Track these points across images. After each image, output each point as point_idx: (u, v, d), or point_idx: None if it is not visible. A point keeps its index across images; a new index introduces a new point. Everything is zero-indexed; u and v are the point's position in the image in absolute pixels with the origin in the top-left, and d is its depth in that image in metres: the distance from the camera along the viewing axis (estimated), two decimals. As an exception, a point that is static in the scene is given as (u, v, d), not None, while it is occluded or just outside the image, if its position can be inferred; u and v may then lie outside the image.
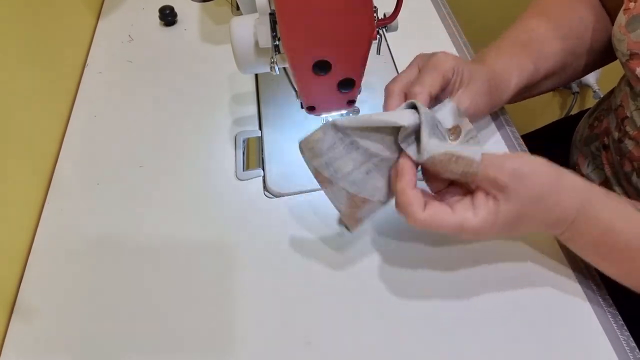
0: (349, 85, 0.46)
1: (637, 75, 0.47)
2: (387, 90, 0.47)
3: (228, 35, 0.47)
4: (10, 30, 0.55)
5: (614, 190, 0.57)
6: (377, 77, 0.63)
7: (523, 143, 0.56)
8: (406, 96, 0.46)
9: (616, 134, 0.55)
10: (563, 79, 0.59)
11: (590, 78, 1.35)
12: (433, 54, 0.48)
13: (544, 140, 0.78)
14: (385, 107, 0.47)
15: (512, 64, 0.52)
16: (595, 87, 1.36)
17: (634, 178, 0.53)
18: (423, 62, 0.48)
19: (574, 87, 1.36)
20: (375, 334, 0.43)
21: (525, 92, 0.56)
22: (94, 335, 0.45)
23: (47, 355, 0.44)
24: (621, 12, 0.49)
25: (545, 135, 0.80)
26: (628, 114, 0.53)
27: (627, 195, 0.56)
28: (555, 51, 0.55)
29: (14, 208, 0.51)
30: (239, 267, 0.48)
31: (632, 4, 0.48)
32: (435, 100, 0.47)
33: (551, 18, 0.56)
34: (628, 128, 0.53)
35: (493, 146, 0.56)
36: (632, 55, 0.47)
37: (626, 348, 0.42)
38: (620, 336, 0.43)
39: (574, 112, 1.38)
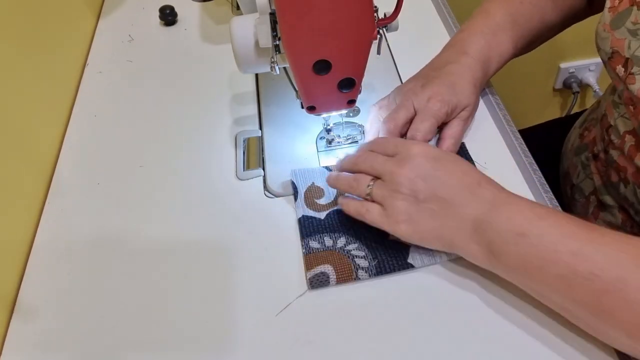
0: (349, 85, 0.46)
1: (617, 74, 0.47)
2: (384, 129, 0.52)
3: (228, 35, 0.47)
4: (10, 30, 0.55)
5: (604, 200, 0.57)
6: (377, 77, 0.63)
7: (523, 142, 0.56)
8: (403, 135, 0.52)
9: (601, 144, 0.55)
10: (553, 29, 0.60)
11: (591, 78, 1.35)
12: (426, 100, 0.51)
13: (542, 138, 0.77)
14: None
15: (492, 43, 0.55)
16: (596, 87, 1.36)
17: (622, 188, 0.53)
18: (418, 104, 0.51)
19: (575, 86, 1.36)
20: (376, 333, 0.43)
21: (518, 54, 0.58)
22: (94, 335, 0.45)
23: (47, 355, 0.44)
24: (605, 10, 0.49)
25: (544, 133, 0.79)
26: (612, 123, 0.53)
27: (619, 204, 0.55)
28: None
29: (14, 208, 0.51)
30: (239, 267, 0.48)
31: (616, 2, 0.48)
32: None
33: None
34: (613, 137, 0.52)
35: (493, 146, 0.55)
36: (614, 54, 0.47)
37: None
38: None
39: (574, 111, 1.38)
